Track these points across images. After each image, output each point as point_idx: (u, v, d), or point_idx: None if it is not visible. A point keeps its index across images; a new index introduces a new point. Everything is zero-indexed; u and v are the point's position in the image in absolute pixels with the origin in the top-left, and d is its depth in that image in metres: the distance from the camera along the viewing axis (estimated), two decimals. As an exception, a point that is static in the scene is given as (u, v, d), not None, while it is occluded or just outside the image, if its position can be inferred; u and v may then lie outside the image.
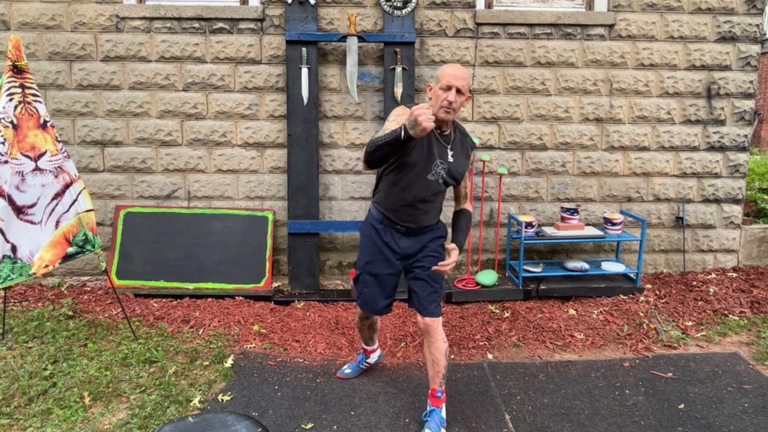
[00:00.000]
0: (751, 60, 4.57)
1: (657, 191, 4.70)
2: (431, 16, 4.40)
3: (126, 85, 4.41)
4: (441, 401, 2.73)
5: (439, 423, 2.68)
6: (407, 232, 2.68)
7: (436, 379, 2.70)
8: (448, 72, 2.44)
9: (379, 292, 2.77)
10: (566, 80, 4.51)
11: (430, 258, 2.68)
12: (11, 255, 3.10)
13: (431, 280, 2.68)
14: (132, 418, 2.77)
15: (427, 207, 2.62)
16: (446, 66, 2.48)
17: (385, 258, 2.72)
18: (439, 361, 2.67)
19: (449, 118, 2.47)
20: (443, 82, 2.43)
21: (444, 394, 2.75)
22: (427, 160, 2.51)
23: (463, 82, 2.43)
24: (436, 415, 2.70)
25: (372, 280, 2.76)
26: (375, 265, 2.74)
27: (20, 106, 3.16)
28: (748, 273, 4.67)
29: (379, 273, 2.74)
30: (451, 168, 2.57)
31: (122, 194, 4.52)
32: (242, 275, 4.34)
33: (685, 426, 2.82)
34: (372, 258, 2.74)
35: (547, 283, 4.32)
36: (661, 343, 3.69)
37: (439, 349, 2.67)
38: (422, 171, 2.51)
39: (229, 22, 4.35)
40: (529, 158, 4.61)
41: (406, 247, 2.70)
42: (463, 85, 2.43)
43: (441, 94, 2.43)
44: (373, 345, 3.25)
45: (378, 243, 2.72)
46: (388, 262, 2.72)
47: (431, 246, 2.70)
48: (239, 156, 4.51)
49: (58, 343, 3.45)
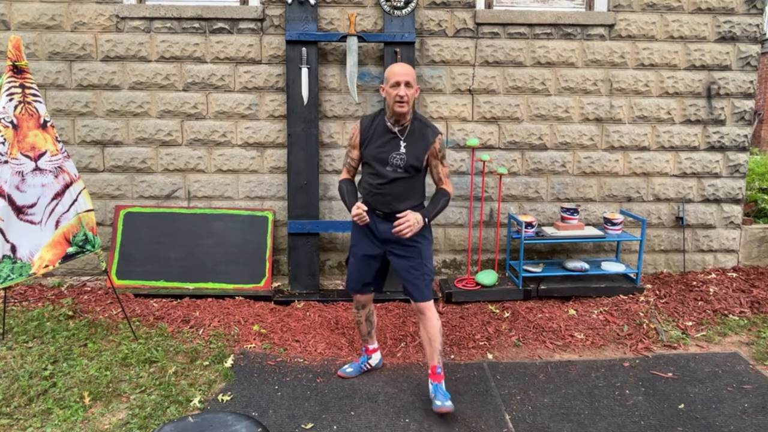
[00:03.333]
0: (751, 60, 4.57)
1: (657, 191, 4.70)
2: (431, 16, 4.40)
3: (126, 85, 4.41)
4: (441, 377, 2.94)
5: (444, 394, 2.89)
6: (385, 217, 2.92)
7: (434, 356, 2.93)
8: (395, 71, 2.77)
9: (360, 270, 3.03)
10: (566, 80, 4.51)
11: (406, 248, 2.91)
12: (11, 255, 3.10)
13: (412, 269, 2.91)
14: (132, 418, 2.77)
15: (393, 192, 2.87)
16: (392, 66, 2.81)
17: (368, 240, 2.99)
18: (435, 338, 2.92)
19: (404, 110, 2.78)
20: (392, 81, 2.76)
21: (443, 370, 2.97)
22: (384, 153, 2.86)
23: (409, 76, 2.75)
24: (440, 388, 2.92)
25: (355, 261, 3.05)
26: (359, 247, 3.03)
27: (20, 106, 3.16)
28: (748, 273, 4.67)
29: (362, 254, 3.02)
30: (407, 157, 2.84)
31: (122, 194, 4.52)
32: (242, 275, 4.34)
33: (685, 426, 2.82)
34: (357, 241, 3.04)
35: (547, 283, 4.32)
36: (661, 343, 3.69)
37: (434, 326, 2.92)
38: (382, 162, 2.86)
39: (229, 22, 4.35)
40: (529, 158, 4.61)
41: (384, 231, 2.92)
42: (410, 79, 2.75)
43: (392, 92, 2.76)
44: (374, 344, 3.30)
45: (363, 227, 2.98)
46: (369, 244, 2.99)
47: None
48: (239, 156, 4.51)
49: (58, 343, 3.45)
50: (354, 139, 2.96)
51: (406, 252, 2.91)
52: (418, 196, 2.95)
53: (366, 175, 2.96)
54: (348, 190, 2.97)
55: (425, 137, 2.87)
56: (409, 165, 2.84)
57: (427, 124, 2.92)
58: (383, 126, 2.89)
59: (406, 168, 2.84)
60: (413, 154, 2.85)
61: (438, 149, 2.90)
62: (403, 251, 2.91)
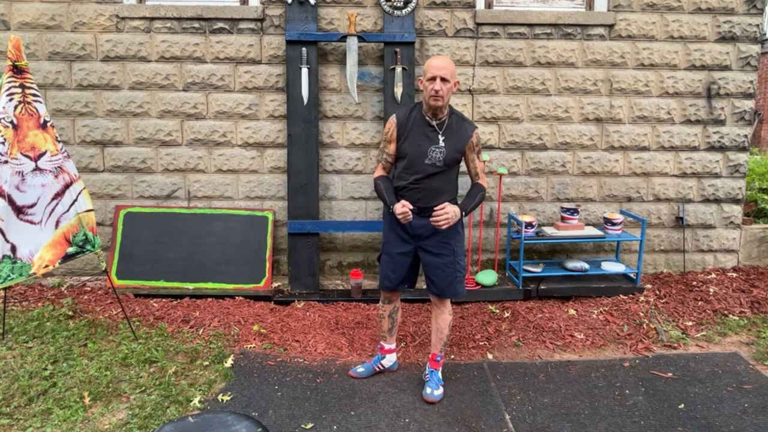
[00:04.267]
0: (751, 60, 4.57)
1: (657, 191, 4.70)
2: (431, 16, 4.40)
3: (126, 85, 4.41)
4: (439, 365, 3.11)
5: (437, 381, 3.06)
6: (419, 212, 2.88)
7: (438, 345, 3.06)
8: (433, 64, 2.74)
9: (394, 269, 3.02)
10: (566, 80, 4.51)
11: (440, 245, 2.91)
12: (11, 255, 3.10)
13: (444, 267, 2.91)
14: (132, 418, 2.77)
15: (429, 186, 2.86)
16: (431, 59, 2.78)
17: (399, 237, 2.98)
18: (443, 330, 3.03)
19: (439, 104, 2.76)
20: (428, 74, 2.74)
21: (443, 359, 3.13)
22: (423, 146, 2.83)
23: (446, 71, 2.72)
24: (435, 375, 3.07)
25: (389, 260, 3.03)
26: (391, 245, 3.01)
27: (20, 106, 3.16)
28: (748, 273, 4.67)
29: (395, 252, 3.00)
30: (447, 150, 2.83)
31: (122, 194, 4.52)
32: (242, 275, 4.34)
33: (685, 426, 2.82)
34: (389, 239, 3.03)
35: (547, 283, 4.32)
36: (661, 343, 3.69)
37: (445, 320, 3.03)
38: (420, 155, 2.83)
39: (229, 22, 4.35)
40: (529, 158, 4.61)
41: (417, 227, 2.90)
42: (446, 74, 2.72)
43: (428, 86, 2.75)
44: (391, 344, 3.28)
45: (395, 224, 2.96)
46: (401, 241, 2.98)
47: (443, 232, 2.89)
48: (239, 156, 4.51)
49: (58, 343, 3.45)
50: (390, 134, 2.91)
51: (438, 249, 2.90)
52: (452, 191, 2.94)
53: (401, 171, 2.91)
54: (386, 186, 2.92)
55: (464, 130, 2.87)
56: (448, 158, 2.84)
57: (464, 119, 2.92)
58: (421, 119, 2.86)
59: (445, 161, 2.83)
60: (452, 147, 2.84)
61: (475, 143, 2.90)
62: (436, 248, 2.91)
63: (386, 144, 2.94)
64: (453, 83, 2.77)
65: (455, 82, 2.80)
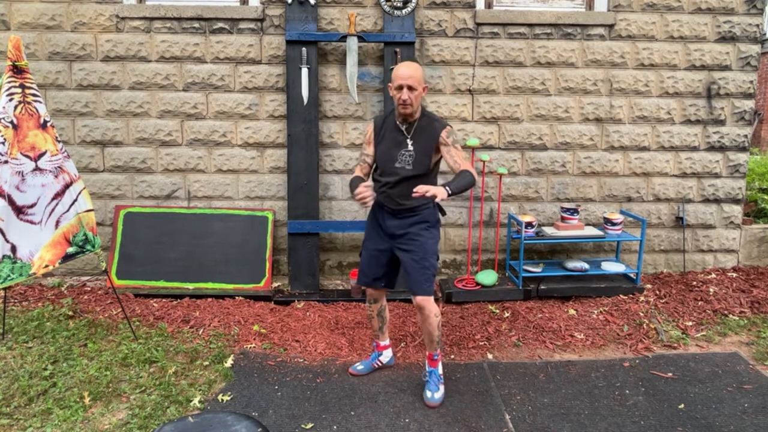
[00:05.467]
0: (751, 60, 4.57)
1: (657, 191, 4.70)
2: (431, 16, 4.40)
3: (126, 85, 4.41)
4: (437, 362, 3.09)
5: (437, 380, 3.05)
6: (393, 213, 2.99)
7: (431, 345, 3.05)
8: (399, 74, 2.80)
9: (369, 264, 3.11)
10: (566, 80, 4.51)
11: (411, 242, 2.96)
12: (11, 255, 3.10)
13: (414, 262, 2.93)
14: (132, 418, 2.77)
15: (400, 190, 2.92)
16: (398, 67, 2.83)
17: (377, 235, 3.08)
18: (433, 332, 3.01)
19: (408, 111, 2.85)
20: (395, 83, 2.81)
21: (440, 356, 3.10)
22: (393, 151, 2.94)
23: (412, 79, 2.78)
24: (434, 374, 3.06)
25: (365, 255, 3.13)
26: (369, 241, 3.12)
27: (20, 106, 3.16)
28: (748, 273, 4.67)
29: (372, 248, 3.10)
30: (415, 153, 2.90)
31: (122, 194, 4.52)
32: (242, 275, 4.34)
33: (685, 426, 2.82)
34: (368, 236, 3.14)
35: (547, 283, 4.32)
36: (661, 343, 3.69)
37: (432, 323, 2.98)
38: (390, 159, 2.94)
39: (229, 22, 4.35)
40: (529, 158, 4.61)
41: (391, 227, 3.00)
42: (413, 82, 2.78)
43: (396, 94, 2.84)
44: (385, 340, 3.33)
45: (373, 222, 3.10)
46: (378, 239, 3.07)
47: (414, 230, 2.96)
48: (239, 156, 4.51)
49: (58, 343, 3.45)
50: (368, 136, 3.06)
51: (409, 246, 2.95)
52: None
53: (376, 174, 3.04)
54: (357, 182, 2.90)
55: (432, 130, 2.92)
56: (416, 160, 2.90)
57: (434, 119, 2.96)
58: (393, 125, 2.98)
59: (414, 164, 2.90)
60: (420, 149, 2.91)
61: (446, 137, 2.90)
62: (407, 245, 2.96)
63: (366, 146, 3.08)
64: (421, 89, 2.85)
65: (423, 87, 2.87)
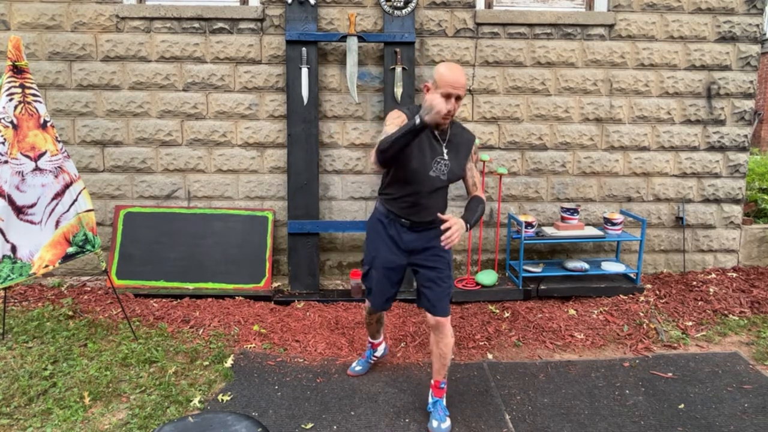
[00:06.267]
0: (751, 60, 4.57)
1: (657, 191, 4.70)
2: (431, 16, 4.39)
3: (126, 85, 4.41)
4: (443, 392, 2.86)
5: (443, 412, 2.81)
6: (411, 227, 2.71)
7: (441, 371, 2.81)
8: (448, 80, 2.43)
9: (383, 285, 2.83)
10: (566, 80, 4.51)
11: (435, 258, 2.72)
12: (11, 255, 3.10)
13: (439, 281, 2.72)
14: (132, 418, 2.77)
15: (428, 202, 2.65)
16: (445, 70, 2.45)
17: (390, 252, 2.76)
18: (446, 356, 2.78)
19: (447, 122, 2.55)
20: (442, 90, 2.44)
21: (446, 385, 2.88)
22: (427, 156, 2.57)
23: (462, 90, 2.46)
24: (440, 405, 2.82)
25: (377, 277, 2.82)
26: (380, 259, 2.78)
27: (20, 106, 3.16)
28: (748, 273, 4.67)
29: (385, 267, 2.78)
30: (451, 164, 2.62)
31: (122, 194, 4.52)
32: (242, 275, 4.34)
33: (685, 426, 2.82)
34: (377, 252, 2.79)
35: (547, 283, 4.32)
36: (661, 343, 3.69)
37: (447, 344, 2.76)
38: (424, 168, 2.56)
39: (229, 22, 4.35)
40: (529, 158, 4.61)
41: (409, 241, 2.73)
42: (462, 92, 2.47)
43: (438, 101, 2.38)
44: (380, 338, 3.32)
45: (384, 237, 2.76)
46: (392, 256, 2.76)
47: (436, 244, 2.71)
48: (239, 156, 4.51)
49: (58, 343, 3.45)
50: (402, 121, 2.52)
51: (435, 263, 2.71)
52: (444, 207, 2.74)
53: (396, 182, 2.64)
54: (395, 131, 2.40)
55: (467, 142, 2.66)
56: (451, 171, 2.61)
57: (463, 127, 2.71)
58: None
59: (449, 175, 2.62)
60: (455, 158, 2.62)
61: (473, 153, 2.71)
62: (433, 262, 2.72)
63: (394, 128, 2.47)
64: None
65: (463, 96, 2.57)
